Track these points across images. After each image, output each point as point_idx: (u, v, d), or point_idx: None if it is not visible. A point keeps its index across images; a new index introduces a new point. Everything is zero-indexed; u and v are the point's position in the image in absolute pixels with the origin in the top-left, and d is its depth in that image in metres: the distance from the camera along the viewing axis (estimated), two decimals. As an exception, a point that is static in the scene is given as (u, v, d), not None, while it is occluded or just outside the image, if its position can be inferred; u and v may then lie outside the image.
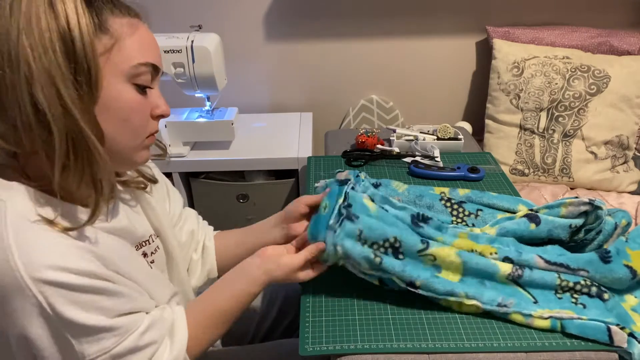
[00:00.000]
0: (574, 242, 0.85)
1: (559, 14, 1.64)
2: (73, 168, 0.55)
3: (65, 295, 0.53)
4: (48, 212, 0.57)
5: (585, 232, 0.84)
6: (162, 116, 0.67)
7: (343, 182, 0.84)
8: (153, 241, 0.76)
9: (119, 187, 0.73)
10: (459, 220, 0.93)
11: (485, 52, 1.70)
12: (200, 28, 1.34)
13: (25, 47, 0.51)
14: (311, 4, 1.62)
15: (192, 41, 1.30)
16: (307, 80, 1.76)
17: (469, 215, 0.94)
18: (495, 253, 0.78)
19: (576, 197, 0.83)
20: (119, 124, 0.60)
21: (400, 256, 0.75)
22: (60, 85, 0.52)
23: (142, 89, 0.62)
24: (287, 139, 1.55)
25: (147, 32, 0.63)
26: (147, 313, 0.65)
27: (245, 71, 1.73)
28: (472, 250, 0.79)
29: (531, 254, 0.78)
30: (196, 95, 1.42)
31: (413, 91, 1.79)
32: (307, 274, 0.77)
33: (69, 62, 0.53)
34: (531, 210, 0.87)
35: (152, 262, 0.75)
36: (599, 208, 0.81)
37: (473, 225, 0.92)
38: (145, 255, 0.74)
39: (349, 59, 1.72)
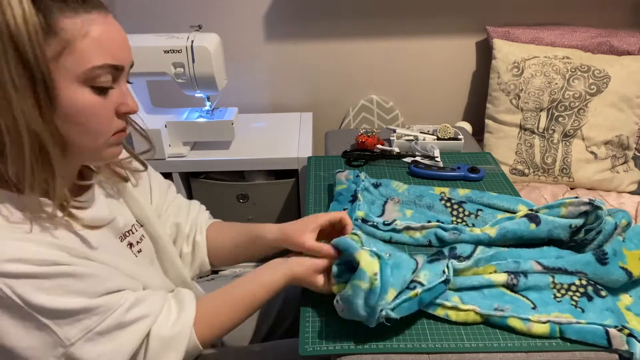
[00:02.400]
0: (574, 242, 0.85)
1: (559, 14, 1.64)
2: (29, 171, 0.55)
3: (32, 283, 0.53)
4: (7, 208, 0.56)
5: (585, 232, 0.83)
6: (129, 113, 0.64)
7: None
8: (137, 230, 0.76)
9: (102, 179, 0.73)
10: (459, 220, 0.93)
11: (485, 52, 1.70)
12: (200, 28, 1.34)
13: None
14: (311, 4, 1.62)
15: (192, 41, 1.30)
16: (307, 80, 1.76)
17: (469, 216, 0.94)
18: (495, 271, 0.78)
19: (576, 197, 0.83)
20: (76, 127, 0.58)
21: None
22: (13, 96, 0.51)
23: (101, 90, 0.59)
24: (287, 139, 1.55)
25: (106, 28, 0.57)
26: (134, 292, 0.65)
27: (245, 71, 1.73)
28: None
29: (529, 262, 0.78)
30: (196, 95, 1.42)
31: (413, 91, 1.79)
32: (327, 283, 0.75)
33: (24, 70, 0.51)
34: (531, 210, 0.87)
35: (139, 251, 0.75)
36: (599, 208, 0.81)
37: (473, 225, 0.92)
38: (131, 245, 0.73)
39: (349, 59, 1.72)
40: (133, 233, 0.75)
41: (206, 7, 1.62)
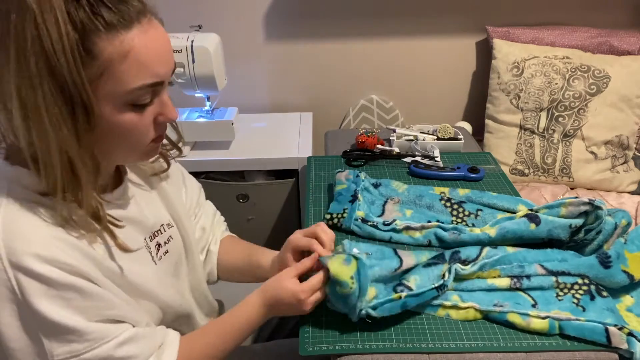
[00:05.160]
0: (574, 242, 0.85)
1: (559, 14, 1.64)
2: (60, 186, 0.54)
3: (40, 287, 0.52)
4: (49, 203, 0.56)
5: (585, 232, 0.83)
6: (168, 121, 0.63)
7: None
8: (165, 230, 0.75)
9: (133, 175, 0.72)
10: (459, 220, 0.93)
11: (485, 52, 1.70)
12: (200, 28, 1.34)
13: (15, 81, 0.49)
14: (311, 4, 1.62)
15: (192, 41, 1.30)
16: (307, 80, 1.76)
17: (468, 215, 0.94)
18: (499, 276, 0.78)
19: (576, 197, 0.83)
20: (114, 142, 0.58)
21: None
22: (47, 124, 0.50)
23: (141, 107, 0.57)
24: (287, 139, 1.55)
25: (146, 44, 0.54)
26: (133, 326, 0.62)
27: (245, 71, 1.73)
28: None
29: (533, 266, 0.78)
30: (196, 95, 1.42)
31: (413, 91, 1.79)
32: (317, 296, 0.70)
33: (62, 96, 0.50)
34: (531, 210, 0.87)
35: (166, 252, 0.74)
36: (599, 208, 0.81)
37: (473, 225, 0.92)
38: (158, 245, 0.72)
39: (349, 59, 1.72)
40: (161, 233, 0.74)
41: (206, 7, 1.62)
